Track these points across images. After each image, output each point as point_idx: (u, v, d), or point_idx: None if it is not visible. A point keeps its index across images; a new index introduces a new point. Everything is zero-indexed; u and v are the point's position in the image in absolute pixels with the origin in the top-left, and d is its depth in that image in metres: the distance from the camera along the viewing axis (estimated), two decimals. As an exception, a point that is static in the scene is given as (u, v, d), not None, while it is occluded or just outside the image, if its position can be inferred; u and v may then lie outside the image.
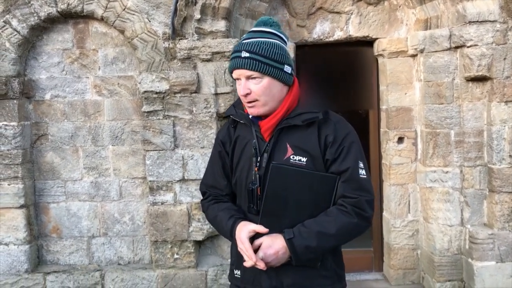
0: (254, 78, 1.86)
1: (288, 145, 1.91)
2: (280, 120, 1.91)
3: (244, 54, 1.85)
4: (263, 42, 1.87)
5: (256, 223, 1.89)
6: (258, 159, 1.92)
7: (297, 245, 1.82)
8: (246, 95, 1.87)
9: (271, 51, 1.86)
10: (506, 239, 4.09)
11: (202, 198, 2.21)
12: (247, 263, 1.82)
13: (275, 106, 1.91)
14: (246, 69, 1.85)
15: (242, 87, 1.88)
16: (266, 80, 1.86)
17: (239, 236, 1.86)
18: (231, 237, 1.94)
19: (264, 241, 1.84)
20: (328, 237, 1.84)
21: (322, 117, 1.88)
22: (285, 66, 1.89)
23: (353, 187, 1.86)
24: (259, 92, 1.86)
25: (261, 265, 1.79)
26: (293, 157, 1.89)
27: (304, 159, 1.88)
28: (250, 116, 1.96)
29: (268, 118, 1.92)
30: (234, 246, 2.06)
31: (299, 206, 1.88)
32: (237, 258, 2.04)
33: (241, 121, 2.00)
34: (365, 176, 1.90)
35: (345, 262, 2.10)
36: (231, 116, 2.04)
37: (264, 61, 1.84)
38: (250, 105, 1.90)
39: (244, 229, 1.86)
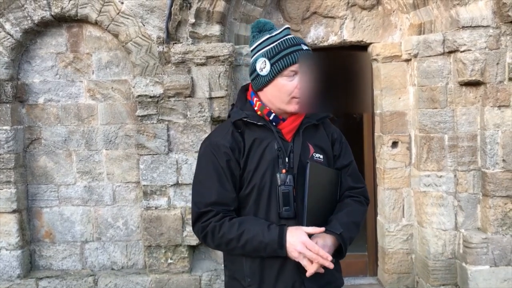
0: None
1: (309, 144, 1.96)
2: (302, 120, 1.96)
3: (304, 47, 1.89)
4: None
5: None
6: (286, 161, 1.88)
7: (346, 237, 1.86)
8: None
9: None
10: (500, 243, 4.10)
11: (202, 220, 1.87)
12: (312, 268, 1.74)
13: None
14: (308, 60, 1.89)
15: (301, 81, 1.88)
16: None
17: (301, 240, 1.73)
18: (280, 248, 1.75)
19: (318, 241, 1.78)
20: (358, 226, 1.97)
21: (331, 115, 2.05)
22: None
23: (356, 179, 2.05)
24: (308, 85, 1.92)
25: (331, 265, 1.75)
26: (315, 155, 1.94)
27: (321, 156, 1.96)
28: (271, 117, 1.92)
29: (291, 119, 1.92)
30: (249, 263, 1.88)
31: (324, 202, 1.96)
32: (259, 275, 1.88)
33: (259, 123, 1.90)
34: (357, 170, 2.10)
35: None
36: (245, 119, 1.90)
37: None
38: (299, 100, 1.90)
39: (301, 233, 1.75)
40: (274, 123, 1.91)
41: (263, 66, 1.88)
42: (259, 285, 1.88)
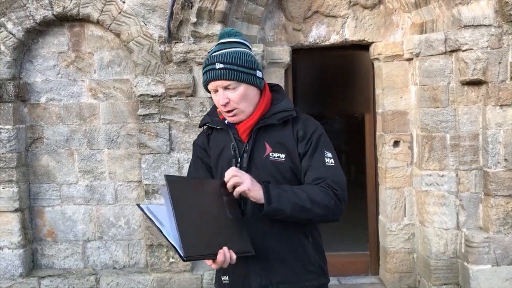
0: (231, 87, 1.93)
1: (266, 144, 1.98)
2: (257, 121, 1.98)
3: (219, 65, 1.91)
4: (234, 51, 1.95)
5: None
6: (239, 160, 1.98)
7: (272, 190, 1.81)
8: (226, 104, 1.93)
9: (242, 59, 1.94)
10: (502, 243, 4.09)
11: None
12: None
13: (252, 110, 1.99)
14: (223, 79, 1.91)
15: (221, 97, 1.93)
16: (242, 87, 1.94)
17: None
18: None
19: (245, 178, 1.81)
20: (299, 197, 1.83)
21: (295, 115, 1.99)
22: (257, 71, 1.98)
23: (319, 172, 1.91)
24: (237, 99, 1.93)
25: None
26: (272, 154, 1.96)
27: (283, 156, 1.96)
28: (226, 121, 2.02)
29: (245, 121, 2.00)
30: None
31: (214, 217, 1.80)
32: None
33: (218, 127, 2.05)
34: (333, 164, 1.95)
35: (341, 266, 2.12)
36: (207, 124, 2.10)
37: (238, 69, 1.92)
38: (230, 114, 1.96)
39: None
40: (230, 126, 2.02)
41: None
42: (223, 272, 2.05)
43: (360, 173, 5.12)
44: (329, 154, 1.96)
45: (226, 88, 1.92)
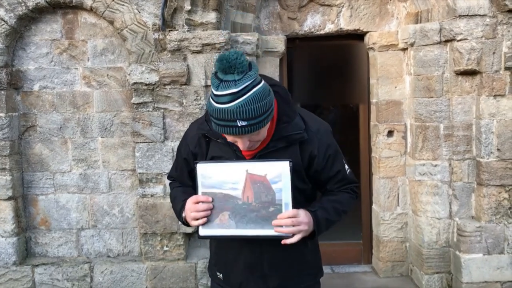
0: (254, 134, 1.74)
1: None
2: (266, 146, 1.86)
3: (241, 123, 1.66)
4: (252, 99, 1.66)
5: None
6: None
7: (320, 216, 1.87)
8: (249, 148, 1.79)
9: (263, 106, 1.69)
10: (493, 232, 4.13)
11: (170, 180, 2.25)
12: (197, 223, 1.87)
13: None
14: (247, 134, 1.71)
15: (243, 145, 1.76)
16: (264, 128, 1.76)
17: (191, 199, 1.88)
18: (179, 216, 2.02)
19: (299, 212, 1.81)
20: (339, 212, 1.97)
21: (307, 137, 1.86)
22: (273, 105, 1.77)
23: (344, 179, 2.00)
24: (259, 138, 1.79)
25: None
26: None
27: None
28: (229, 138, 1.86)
29: None
30: (213, 245, 2.10)
31: None
32: (217, 258, 2.08)
33: (218, 140, 1.90)
34: (350, 170, 2.03)
35: (334, 254, 2.16)
36: (206, 134, 1.93)
37: (261, 119, 1.70)
38: (249, 151, 1.84)
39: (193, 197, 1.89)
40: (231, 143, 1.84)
41: None
42: (218, 268, 2.08)
43: (354, 163, 5.13)
44: (345, 161, 2.02)
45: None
